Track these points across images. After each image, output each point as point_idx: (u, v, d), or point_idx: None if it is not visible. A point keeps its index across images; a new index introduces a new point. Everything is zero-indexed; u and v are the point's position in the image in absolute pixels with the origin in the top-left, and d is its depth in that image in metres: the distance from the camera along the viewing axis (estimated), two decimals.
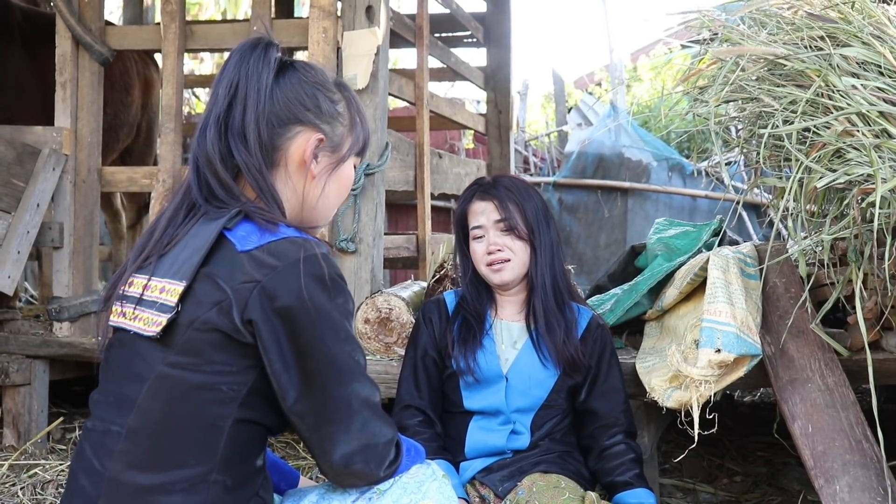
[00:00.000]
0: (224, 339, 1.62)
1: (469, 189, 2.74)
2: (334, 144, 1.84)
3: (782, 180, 2.63)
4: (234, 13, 12.45)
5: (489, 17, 6.30)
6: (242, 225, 1.69)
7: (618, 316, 3.21)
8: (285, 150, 1.79)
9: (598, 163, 8.04)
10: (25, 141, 3.97)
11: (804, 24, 2.57)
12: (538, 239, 2.62)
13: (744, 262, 2.84)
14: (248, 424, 1.68)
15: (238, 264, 1.62)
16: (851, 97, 2.33)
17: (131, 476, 1.63)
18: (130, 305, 1.74)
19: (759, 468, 3.56)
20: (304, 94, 1.80)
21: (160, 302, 1.67)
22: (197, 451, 1.63)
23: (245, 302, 1.60)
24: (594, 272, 7.32)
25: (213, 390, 1.63)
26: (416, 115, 4.62)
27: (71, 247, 4.10)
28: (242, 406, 1.65)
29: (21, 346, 4.03)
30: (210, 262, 1.65)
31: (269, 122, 1.76)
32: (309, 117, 1.80)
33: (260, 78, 1.75)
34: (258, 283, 1.60)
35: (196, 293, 1.64)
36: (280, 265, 1.62)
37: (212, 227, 1.68)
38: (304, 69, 1.83)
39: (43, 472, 3.57)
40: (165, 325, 1.64)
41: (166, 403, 1.64)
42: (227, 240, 1.66)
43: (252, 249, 1.64)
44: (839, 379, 2.57)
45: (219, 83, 1.78)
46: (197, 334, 1.62)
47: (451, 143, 9.22)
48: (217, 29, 4.53)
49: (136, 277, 1.76)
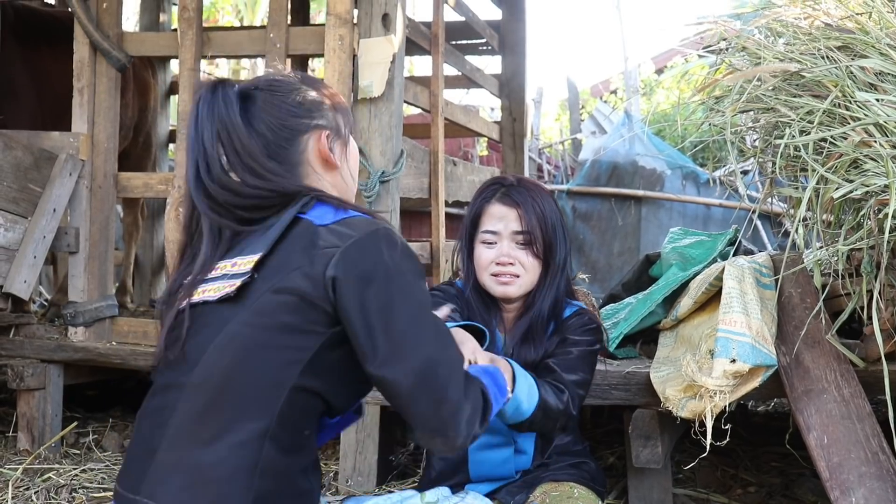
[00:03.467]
0: (299, 303, 1.68)
1: (490, 187, 2.54)
2: (336, 129, 1.93)
3: (798, 190, 2.62)
4: (252, 19, 12.51)
5: (504, 25, 6.31)
6: (315, 209, 1.78)
7: (632, 325, 3.20)
8: (305, 161, 1.88)
9: (611, 171, 8.02)
10: (42, 146, 4.00)
11: (821, 35, 2.57)
12: (553, 257, 2.47)
13: (759, 272, 2.83)
14: (307, 393, 1.72)
15: (319, 234, 1.71)
16: (868, 108, 2.32)
17: (189, 426, 1.68)
18: (196, 287, 1.79)
19: (773, 479, 3.54)
20: (289, 107, 1.87)
21: (231, 273, 1.75)
22: (256, 408, 1.67)
23: (327, 263, 1.67)
24: (607, 280, 7.30)
25: (279, 350, 1.68)
26: (431, 122, 4.62)
27: (87, 252, 4.12)
28: (304, 372, 1.69)
29: (36, 351, 4.05)
30: (288, 237, 1.74)
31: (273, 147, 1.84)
32: (305, 123, 1.88)
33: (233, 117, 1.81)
34: (338, 247, 1.68)
35: (274, 260, 1.72)
36: (357, 235, 1.70)
37: (283, 215, 1.76)
38: (270, 87, 1.89)
39: (57, 476, 3.58)
40: (239, 286, 1.71)
41: (232, 359, 1.69)
42: (303, 219, 1.75)
43: (330, 223, 1.73)
44: (855, 390, 2.56)
45: (193, 141, 1.82)
46: (272, 297, 1.69)
47: (465, 150, 9.23)
48: (234, 36, 4.55)
49: (199, 286, 1.80)
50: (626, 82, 10.87)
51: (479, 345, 2.15)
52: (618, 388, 2.92)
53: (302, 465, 1.73)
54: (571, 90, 10.79)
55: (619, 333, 3.19)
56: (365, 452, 3.44)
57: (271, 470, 1.67)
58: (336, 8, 3.77)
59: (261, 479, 1.65)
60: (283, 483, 1.69)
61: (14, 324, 4.13)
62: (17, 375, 3.95)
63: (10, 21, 4.43)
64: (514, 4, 6.32)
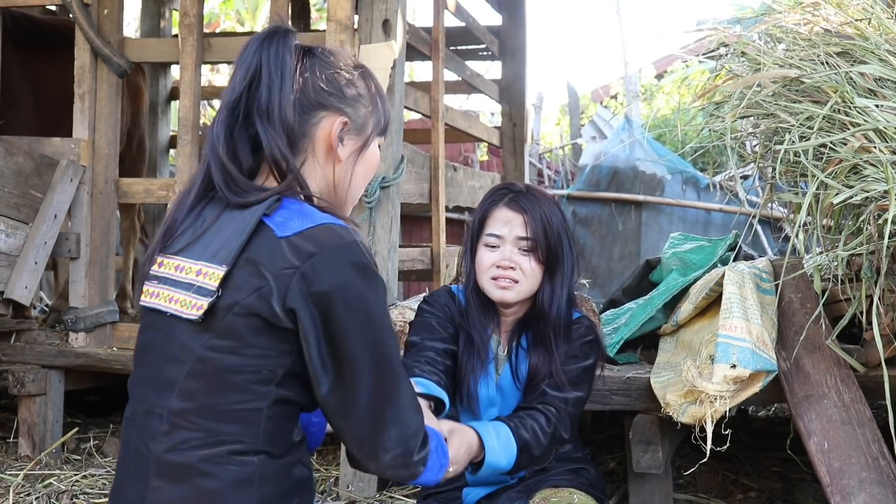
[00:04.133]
0: (263, 324, 1.65)
1: (498, 191, 2.51)
2: (358, 126, 1.85)
3: (798, 196, 2.63)
4: (253, 25, 12.52)
5: (504, 31, 6.32)
6: (281, 210, 1.70)
7: (632, 330, 3.20)
8: (311, 136, 1.80)
9: (612, 176, 8.03)
10: (44, 152, 4.00)
11: (820, 41, 2.57)
12: (559, 267, 2.45)
13: (759, 277, 2.83)
14: (286, 404, 1.71)
15: (278, 250, 1.64)
16: (868, 114, 2.33)
17: (177, 455, 1.66)
18: (164, 287, 1.76)
19: (773, 484, 3.54)
20: (325, 79, 1.81)
21: (198, 285, 1.69)
22: (239, 429, 1.66)
23: (286, 289, 1.62)
24: (608, 285, 7.30)
25: (252, 372, 1.66)
26: (432, 127, 4.63)
27: (87, 257, 4.13)
28: (280, 386, 1.68)
29: (37, 357, 4.06)
30: (249, 248, 1.67)
31: (293, 107, 1.76)
32: (332, 101, 1.81)
33: (283, 62, 1.76)
34: (297, 269, 1.62)
35: (236, 278, 1.66)
36: (318, 252, 1.64)
37: (249, 213, 1.70)
38: (323, 54, 1.84)
39: (58, 482, 3.58)
40: (207, 309, 1.66)
41: (207, 385, 1.67)
42: (266, 226, 1.68)
43: (291, 235, 1.65)
44: (855, 395, 2.56)
45: (237, 70, 1.79)
46: (237, 319, 1.65)
47: (466, 155, 9.23)
48: (234, 42, 4.55)
49: (166, 258, 1.78)
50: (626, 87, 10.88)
51: (433, 416, 2.14)
52: (618, 394, 2.93)
53: (293, 460, 1.74)
54: (571, 95, 10.80)
55: (620, 339, 3.19)
56: None
57: (269, 476, 1.68)
58: (337, 14, 3.77)
59: (259, 488, 1.67)
60: (281, 482, 1.71)
61: (15, 329, 4.14)
62: (17, 381, 3.96)
63: (8, 29, 4.44)
64: (514, 10, 6.34)
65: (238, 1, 12.73)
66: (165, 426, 1.68)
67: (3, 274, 3.71)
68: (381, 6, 3.76)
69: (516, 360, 2.47)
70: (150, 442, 1.69)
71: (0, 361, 4.18)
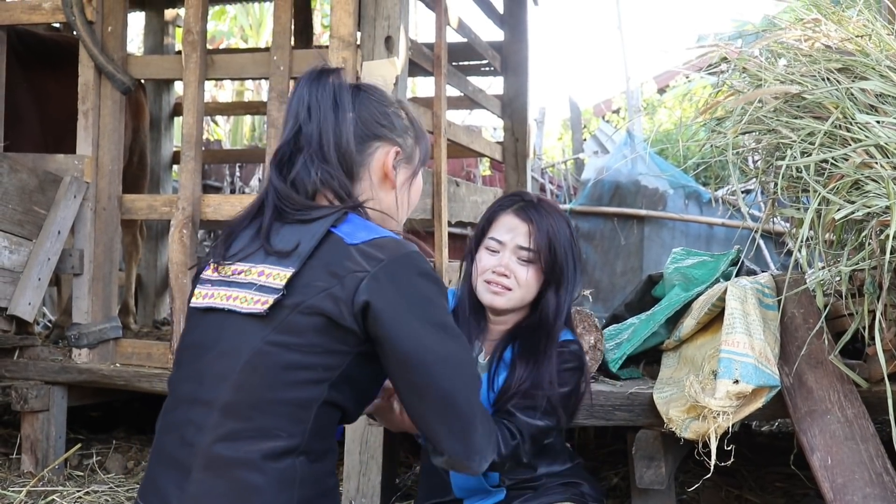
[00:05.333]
0: (327, 324, 1.73)
1: (509, 198, 2.52)
2: (408, 155, 2.01)
3: (800, 211, 2.63)
4: (257, 41, 12.57)
5: (506, 46, 6.33)
6: (347, 223, 1.82)
7: (635, 345, 3.20)
8: (367, 165, 1.94)
9: (614, 190, 8.03)
10: (47, 169, 4.02)
11: (821, 57, 2.58)
12: (565, 279, 2.44)
13: (762, 292, 2.83)
14: (333, 407, 1.79)
15: (349, 255, 1.76)
16: (869, 129, 2.34)
17: (224, 448, 1.71)
18: (219, 288, 1.84)
19: (777, 500, 3.53)
20: (377, 113, 1.97)
21: (260, 283, 1.78)
22: (288, 425, 1.72)
23: (356, 287, 1.72)
24: (610, 300, 7.30)
25: (309, 370, 1.73)
26: (434, 143, 4.63)
27: (91, 273, 4.13)
28: (332, 388, 1.76)
29: (40, 372, 4.06)
30: (318, 253, 1.77)
31: (349, 139, 1.90)
32: (385, 133, 1.97)
33: (338, 100, 1.91)
34: (367, 272, 1.73)
35: (305, 278, 1.75)
36: (386, 258, 1.75)
37: (317, 224, 1.80)
38: (370, 90, 2.00)
39: (60, 498, 3.58)
40: (272, 304, 1.74)
41: (263, 379, 1.73)
42: (335, 234, 1.79)
43: (360, 244, 1.77)
44: (858, 411, 2.56)
45: (290, 110, 1.93)
46: (301, 317, 1.73)
47: (468, 170, 9.25)
48: (238, 59, 4.57)
49: (223, 265, 1.87)
50: (628, 102, 10.88)
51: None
52: (621, 409, 2.92)
53: (329, 467, 1.81)
54: (573, 110, 10.81)
55: (623, 354, 3.19)
56: (368, 474, 3.44)
57: (308, 479, 1.74)
58: (339, 30, 3.79)
59: (300, 490, 1.72)
60: (317, 487, 1.77)
61: (18, 346, 4.14)
62: (20, 397, 3.96)
63: (14, 46, 4.46)
64: (516, 25, 6.35)
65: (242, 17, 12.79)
66: (215, 417, 1.73)
67: (7, 290, 3.72)
68: (383, 23, 3.78)
69: (496, 371, 2.45)
70: (195, 434, 1.74)
71: (3, 377, 4.19)
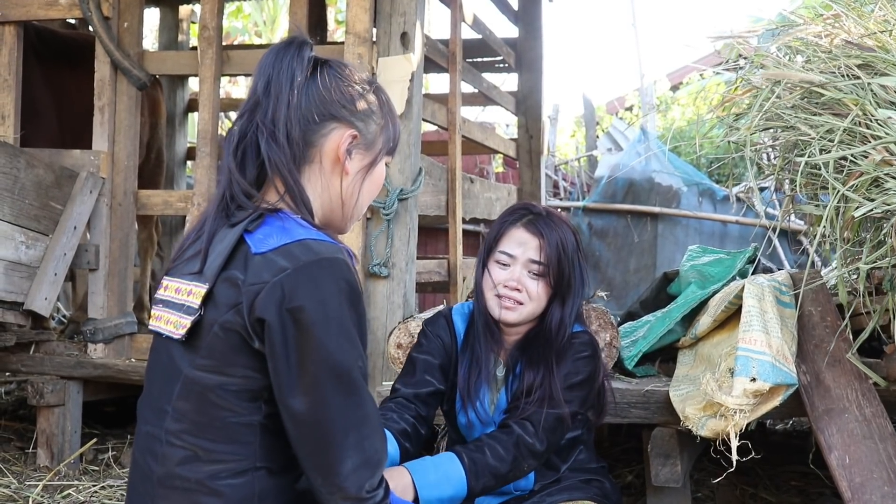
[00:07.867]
0: (242, 342, 1.64)
1: (517, 211, 2.50)
2: (368, 142, 1.86)
3: (819, 208, 2.61)
4: (271, 38, 12.58)
5: (521, 43, 6.32)
6: (262, 227, 1.70)
7: (651, 343, 3.19)
8: (320, 146, 1.80)
9: (627, 187, 8.02)
10: (64, 164, 4.03)
11: (841, 53, 2.56)
12: (571, 291, 2.43)
13: (779, 290, 2.82)
14: (278, 419, 1.68)
15: (252, 266, 1.64)
16: (889, 126, 2.32)
17: (176, 475, 1.67)
18: (164, 310, 1.79)
19: (792, 498, 3.52)
20: (339, 92, 1.81)
21: (186, 304, 1.71)
22: (235, 447, 1.66)
23: (252, 302, 1.62)
24: (623, 297, 7.29)
25: (237, 391, 1.66)
26: (449, 140, 4.63)
27: (106, 269, 4.15)
28: (269, 405, 1.67)
29: (56, 367, 4.08)
30: (230, 265, 1.68)
31: (303, 118, 1.77)
32: (344, 114, 1.81)
33: (293, 74, 1.77)
34: (266, 283, 1.61)
35: (216, 295, 1.67)
36: (291, 267, 1.62)
37: (234, 231, 1.71)
38: (339, 67, 1.85)
39: (76, 493, 3.59)
40: (190, 328, 1.67)
41: (197, 405, 1.67)
42: (245, 242, 1.68)
43: (267, 251, 1.65)
44: (877, 409, 2.54)
45: (255, 79, 1.81)
46: (217, 337, 1.65)
47: (482, 167, 9.24)
48: (253, 54, 4.57)
49: (170, 281, 1.81)
50: (641, 99, 10.86)
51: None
52: (637, 407, 2.91)
53: (295, 474, 1.74)
54: (587, 107, 10.79)
55: (638, 351, 3.18)
56: None
57: (270, 491, 1.69)
58: (355, 27, 3.79)
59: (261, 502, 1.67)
60: (284, 497, 1.71)
61: (34, 340, 4.16)
62: (36, 392, 3.98)
63: (31, 42, 4.48)
64: (530, 22, 6.35)
65: (256, 13, 12.80)
66: (164, 447, 1.69)
67: (24, 285, 3.73)
68: (399, 19, 3.78)
69: (512, 380, 2.46)
70: (152, 462, 1.71)
71: (19, 372, 4.22)
